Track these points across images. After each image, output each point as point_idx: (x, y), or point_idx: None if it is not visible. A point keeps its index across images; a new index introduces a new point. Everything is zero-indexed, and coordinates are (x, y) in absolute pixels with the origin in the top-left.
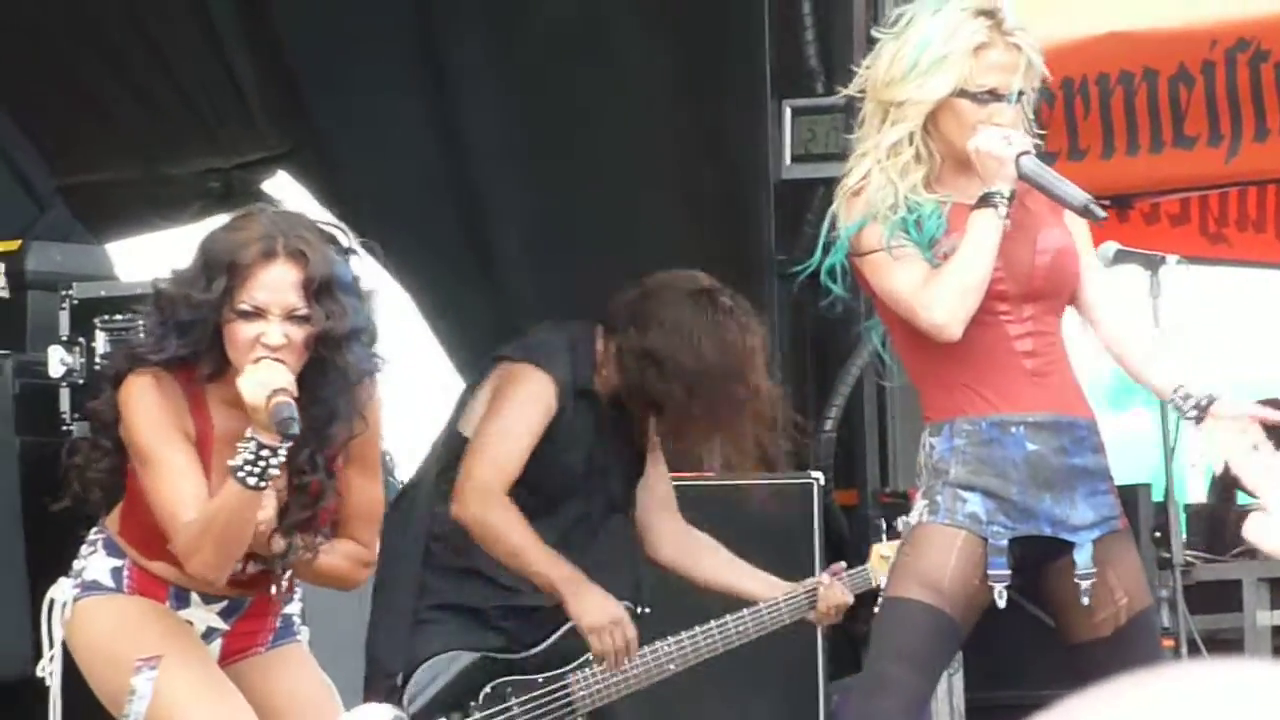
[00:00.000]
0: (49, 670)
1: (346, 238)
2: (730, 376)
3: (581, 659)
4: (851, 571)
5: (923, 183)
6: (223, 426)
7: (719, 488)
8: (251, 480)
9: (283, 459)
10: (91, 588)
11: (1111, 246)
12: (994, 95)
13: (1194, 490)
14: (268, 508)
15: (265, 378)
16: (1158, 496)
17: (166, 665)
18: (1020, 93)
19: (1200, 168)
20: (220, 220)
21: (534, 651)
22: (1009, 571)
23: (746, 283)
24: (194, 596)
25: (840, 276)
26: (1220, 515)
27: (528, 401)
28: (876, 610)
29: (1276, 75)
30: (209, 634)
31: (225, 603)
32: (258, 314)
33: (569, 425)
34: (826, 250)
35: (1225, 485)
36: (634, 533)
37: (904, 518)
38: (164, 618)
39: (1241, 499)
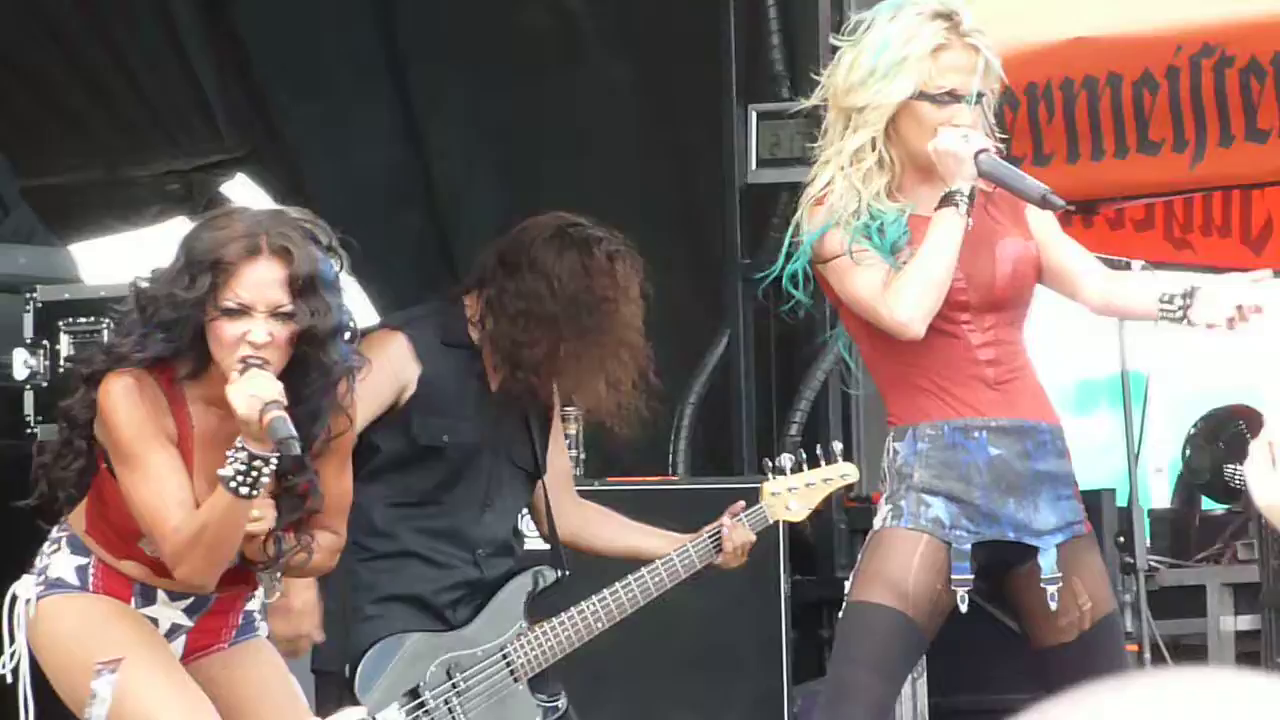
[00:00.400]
0: (8, 668)
1: (327, 234)
2: (597, 305)
3: (515, 627)
4: (749, 511)
5: (885, 190)
6: (202, 425)
7: (683, 491)
8: (244, 490)
9: (274, 468)
10: (56, 585)
11: None
12: (953, 96)
13: (1158, 495)
14: (267, 516)
15: (256, 389)
16: (1122, 501)
17: (130, 666)
18: (980, 95)
19: (1165, 173)
20: (184, 221)
21: (470, 625)
22: (972, 576)
23: (712, 286)
24: (159, 594)
25: (803, 282)
26: (1184, 520)
27: (375, 368)
28: (840, 614)
29: (1241, 81)
30: (173, 631)
31: (191, 599)
32: (242, 311)
33: (446, 385)
34: (789, 257)
35: (1189, 490)
36: (544, 498)
37: (786, 455)
38: (127, 617)
39: (1206, 504)
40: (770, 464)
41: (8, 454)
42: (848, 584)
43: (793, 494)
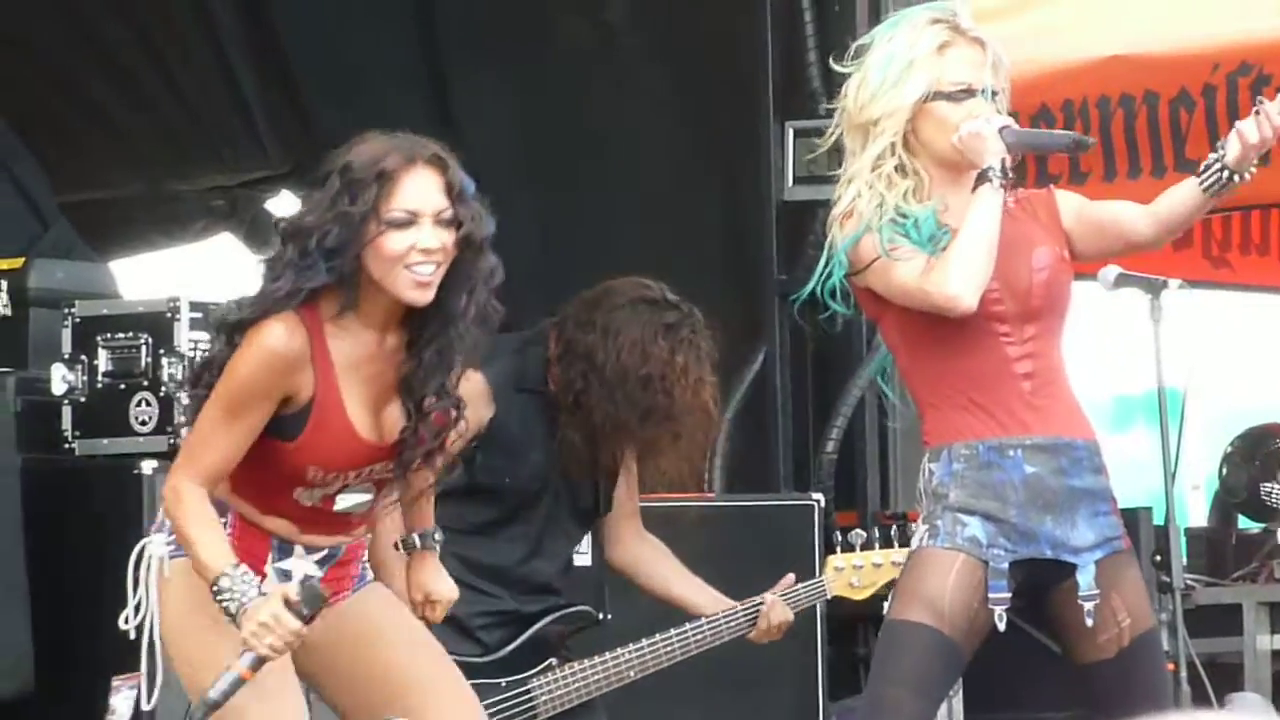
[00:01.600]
0: (133, 624)
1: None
2: (649, 386)
3: (544, 664)
4: (808, 583)
5: (911, 194)
6: (344, 358)
7: (721, 509)
8: (229, 604)
9: (252, 593)
10: None
11: (1113, 270)
12: (968, 91)
13: (1195, 514)
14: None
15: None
16: (1159, 520)
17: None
18: (994, 92)
19: None
20: (228, 236)
21: (499, 655)
22: (1009, 594)
23: (749, 302)
24: (295, 548)
25: (841, 296)
26: (1220, 539)
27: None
28: (879, 633)
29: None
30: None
31: (325, 552)
32: (409, 221)
33: (514, 427)
34: (825, 276)
35: (1225, 509)
36: (599, 538)
37: (858, 531)
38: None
39: (1242, 522)
40: (840, 538)
41: (47, 468)
42: (886, 603)
43: (858, 571)
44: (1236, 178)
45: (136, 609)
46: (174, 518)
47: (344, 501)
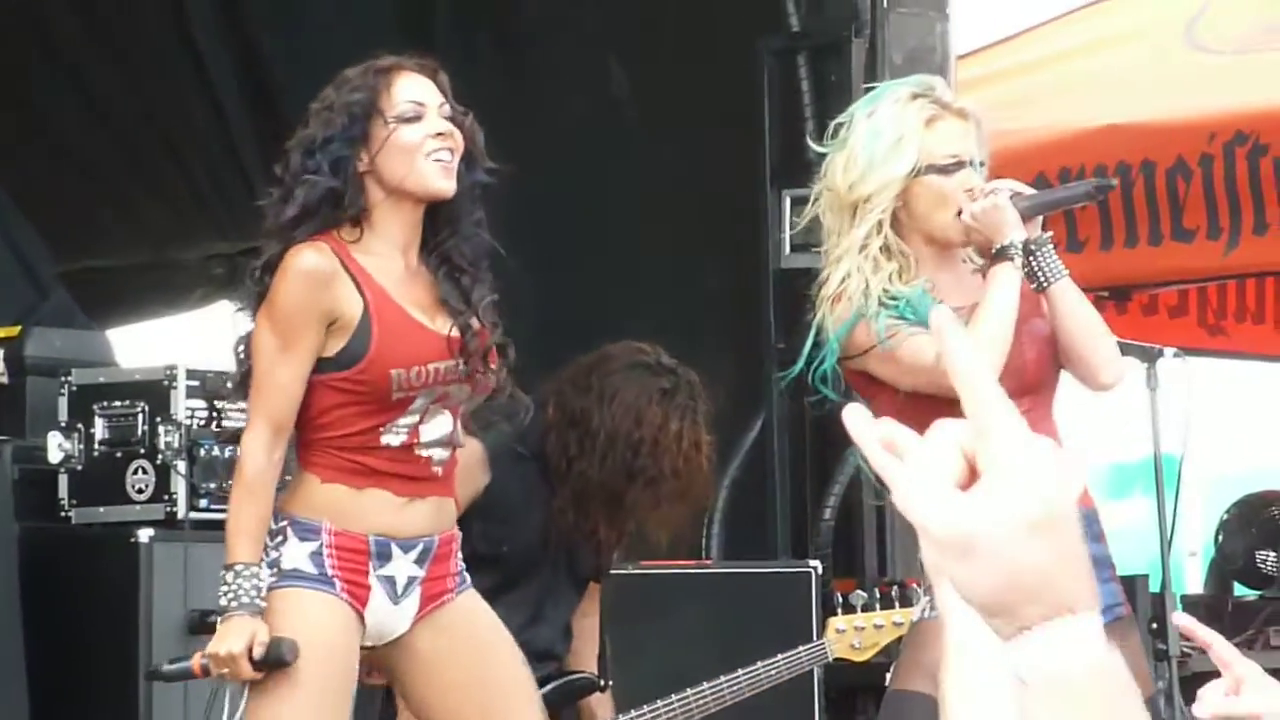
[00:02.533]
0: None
1: None
2: (639, 451)
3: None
4: (809, 645)
5: (898, 276)
6: (380, 275)
7: (717, 575)
8: (223, 597)
9: (261, 581)
10: (292, 575)
11: None
12: (959, 163)
13: (1192, 580)
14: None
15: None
16: (1155, 587)
17: (300, 703)
18: (981, 162)
19: (1199, 260)
20: (227, 305)
21: None
22: None
23: (746, 369)
24: (394, 548)
25: (832, 380)
26: (1217, 606)
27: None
28: (881, 705)
29: (1275, 168)
30: (409, 585)
31: (420, 546)
32: (418, 113)
33: (512, 494)
34: (814, 359)
35: (1222, 576)
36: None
37: (858, 593)
38: (336, 659)
39: (1239, 590)
40: (841, 599)
41: (43, 537)
42: (888, 675)
43: (859, 633)
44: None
45: None
46: (235, 482)
47: (427, 434)
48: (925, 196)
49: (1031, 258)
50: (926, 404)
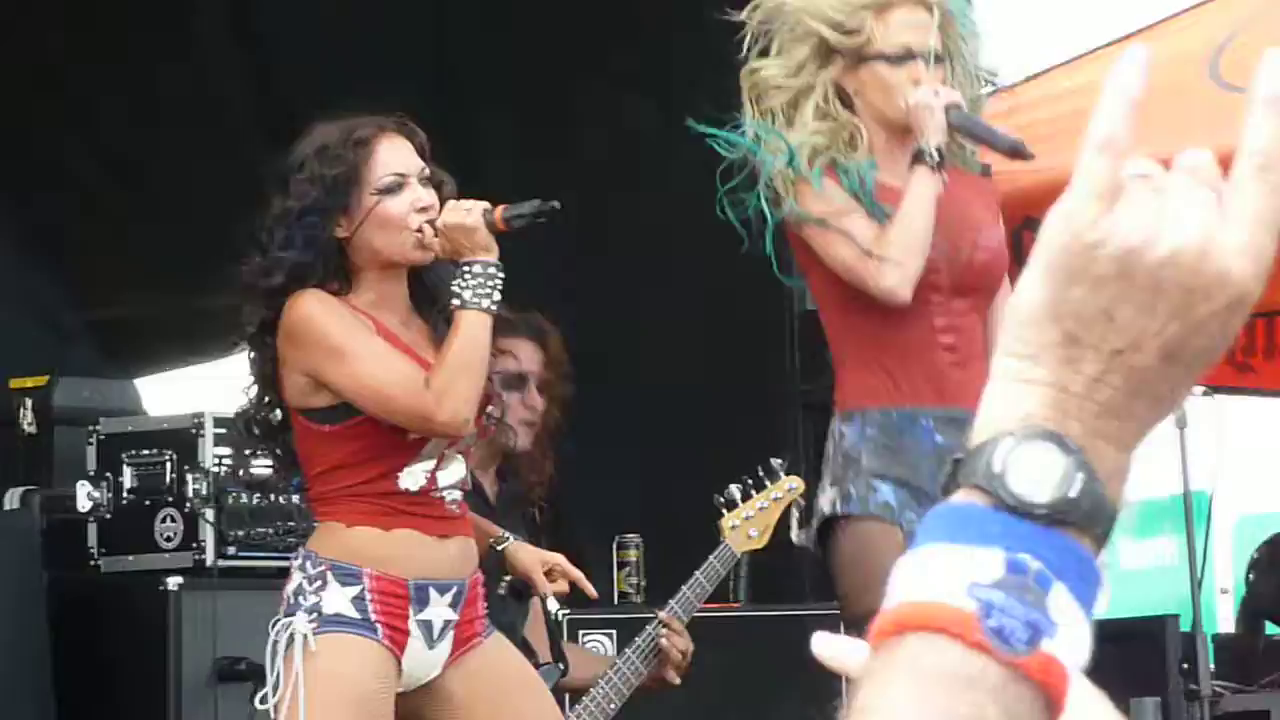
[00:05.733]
0: (272, 703)
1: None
2: None
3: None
4: (716, 551)
5: (846, 146)
6: (389, 325)
7: (743, 619)
8: (486, 302)
9: (502, 276)
10: (335, 621)
11: None
12: (909, 54)
13: (1225, 616)
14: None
15: (467, 206)
16: (1185, 626)
17: None
18: (940, 55)
19: None
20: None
21: None
22: None
23: (771, 411)
24: (431, 592)
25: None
26: (1248, 645)
27: None
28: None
29: None
30: (444, 629)
31: (455, 589)
32: (400, 183)
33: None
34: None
35: (1253, 615)
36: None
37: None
38: (376, 702)
39: (1271, 628)
40: (720, 500)
41: (72, 586)
42: (841, 603)
43: (749, 522)
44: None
45: (275, 686)
46: (454, 384)
47: (444, 479)
48: (872, 84)
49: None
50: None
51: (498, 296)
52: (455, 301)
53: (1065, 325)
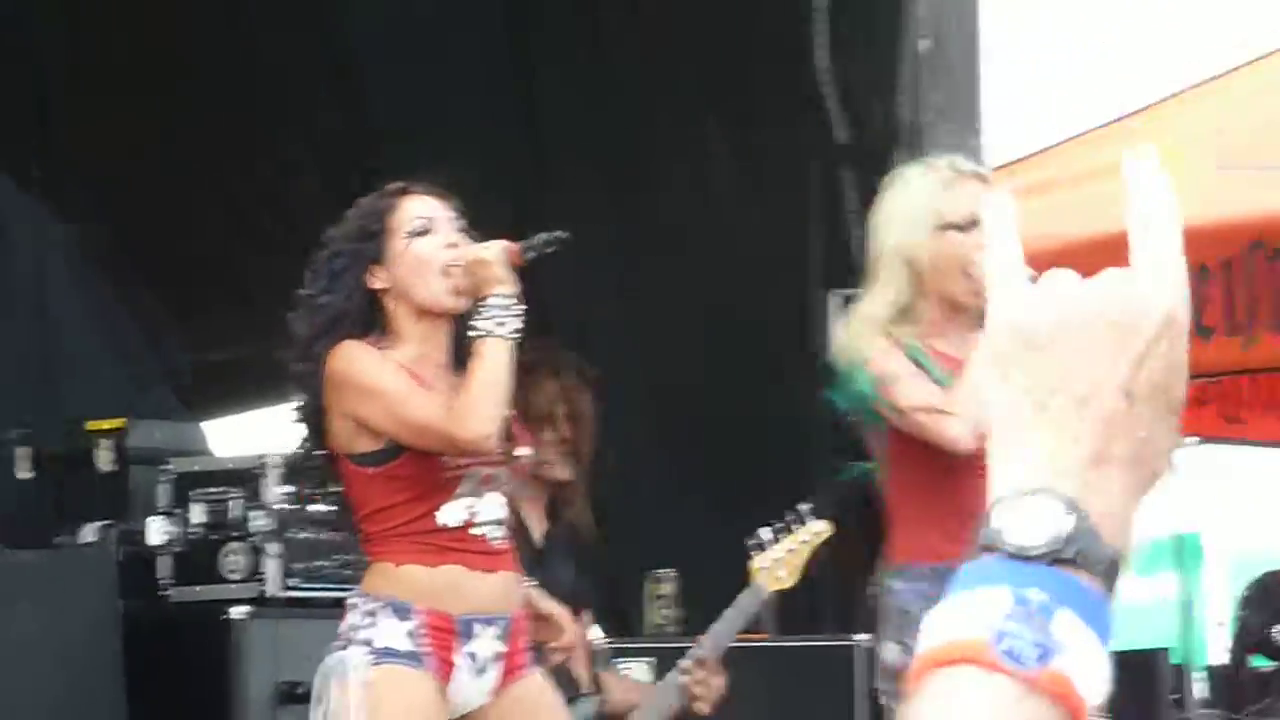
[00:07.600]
0: None
1: None
2: None
3: None
4: (747, 590)
5: (903, 321)
6: (409, 364)
7: (768, 648)
8: (505, 330)
9: (522, 309)
10: (389, 654)
11: None
12: (974, 222)
13: (1218, 649)
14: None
15: (489, 245)
16: (1178, 659)
17: None
18: None
19: (1218, 355)
20: None
21: None
22: None
23: (797, 458)
24: (477, 626)
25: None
26: (1236, 676)
27: None
28: None
29: None
30: (492, 661)
31: (502, 622)
32: (428, 226)
33: None
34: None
35: (1241, 648)
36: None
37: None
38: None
39: (1256, 661)
40: (751, 542)
41: (144, 616)
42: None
43: (779, 564)
44: None
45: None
46: (478, 405)
47: (482, 514)
48: (945, 254)
49: None
50: (932, 446)
51: (518, 325)
52: (475, 332)
53: (1033, 398)
